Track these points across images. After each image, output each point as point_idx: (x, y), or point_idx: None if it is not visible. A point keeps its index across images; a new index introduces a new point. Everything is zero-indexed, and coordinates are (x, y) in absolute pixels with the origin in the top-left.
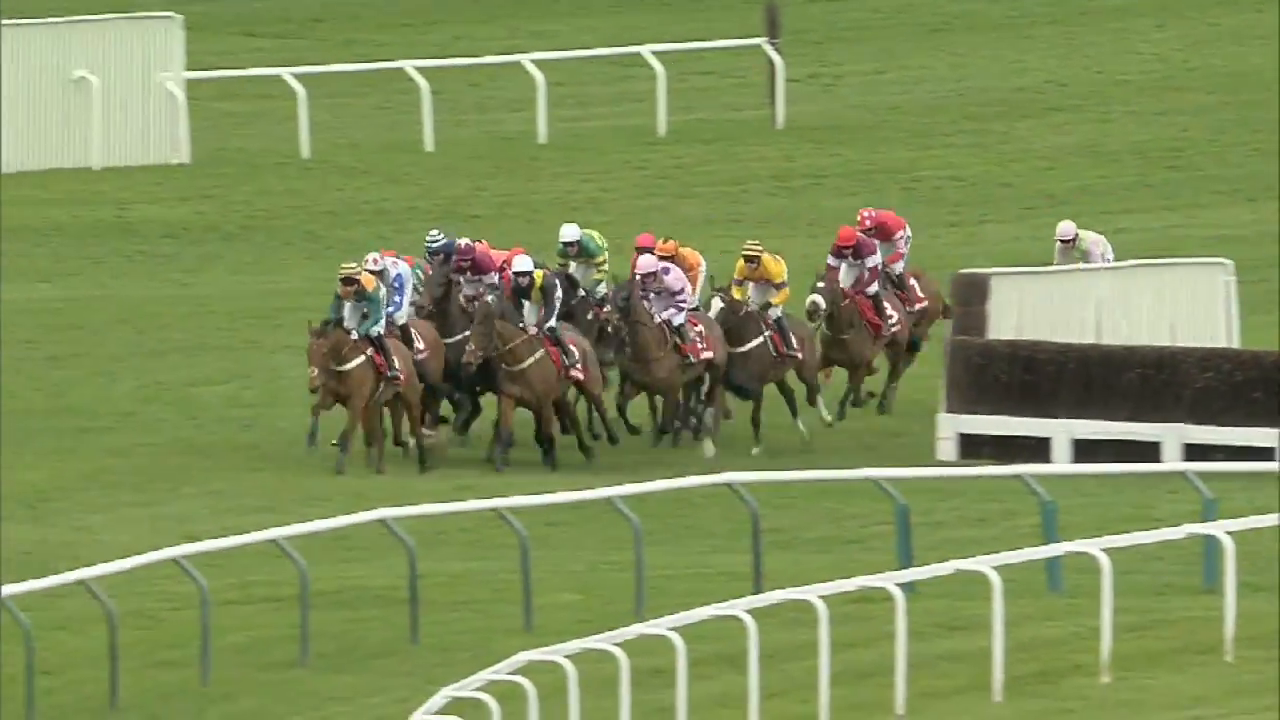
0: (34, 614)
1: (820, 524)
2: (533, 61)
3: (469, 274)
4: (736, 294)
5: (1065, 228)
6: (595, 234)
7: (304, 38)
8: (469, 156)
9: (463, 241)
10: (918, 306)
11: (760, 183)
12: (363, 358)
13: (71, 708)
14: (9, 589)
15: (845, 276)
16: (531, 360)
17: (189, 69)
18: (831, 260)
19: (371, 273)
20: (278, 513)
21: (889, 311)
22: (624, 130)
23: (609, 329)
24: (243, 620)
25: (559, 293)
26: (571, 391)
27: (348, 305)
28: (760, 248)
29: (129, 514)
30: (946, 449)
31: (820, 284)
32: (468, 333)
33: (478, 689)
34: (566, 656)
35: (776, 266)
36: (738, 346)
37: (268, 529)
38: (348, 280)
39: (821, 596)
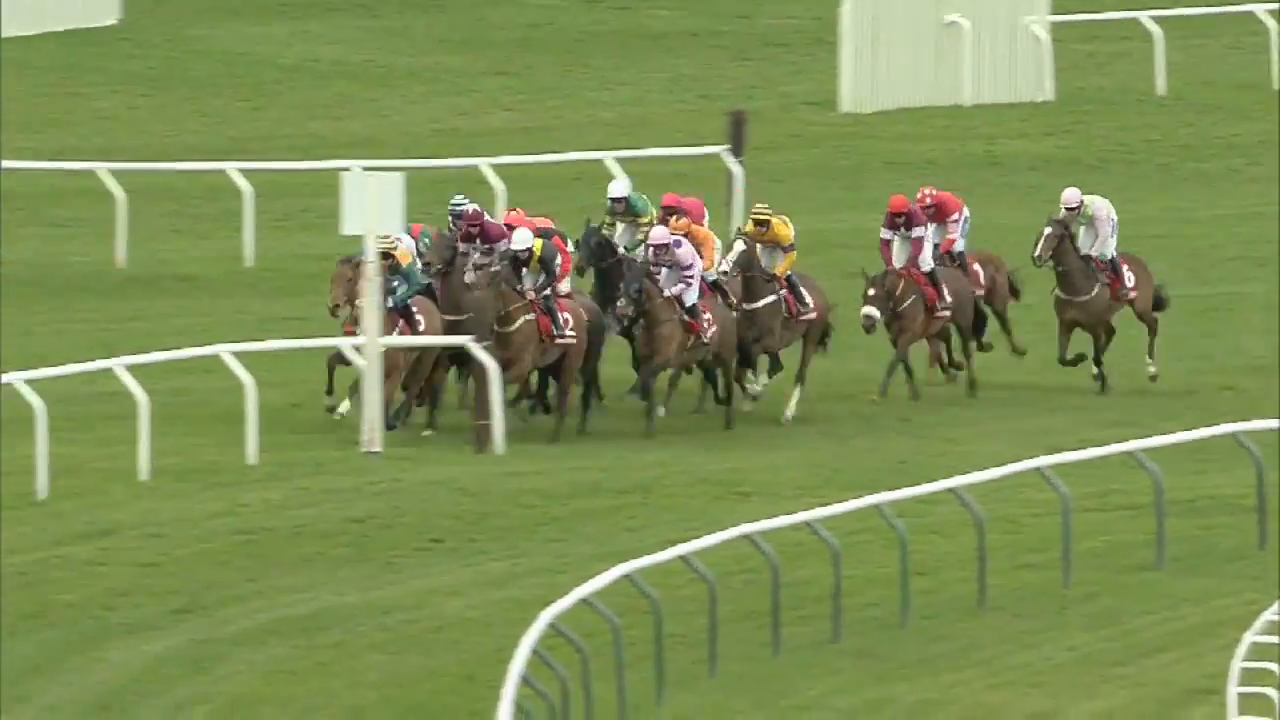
0: (908, 519)
1: None
2: None
3: (478, 241)
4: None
5: (1070, 195)
6: (645, 196)
7: None
8: None
9: (471, 207)
10: (978, 291)
11: None
12: (394, 332)
13: (942, 606)
14: (884, 496)
15: (898, 254)
16: (520, 323)
17: (1053, 13)
18: (885, 233)
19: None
20: (1134, 426)
21: (944, 292)
22: None
23: (624, 321)
24: (1100, 526)
25: (558, 261)
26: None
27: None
28: (770, 211)
29: (994, 428)
30: None
31: (871, 291)
32: (469, 315)
33: None
34: None
35: (785, 230)
36: (749, 303)
37: (1125, 441)
38: (384, 255)
39: None
